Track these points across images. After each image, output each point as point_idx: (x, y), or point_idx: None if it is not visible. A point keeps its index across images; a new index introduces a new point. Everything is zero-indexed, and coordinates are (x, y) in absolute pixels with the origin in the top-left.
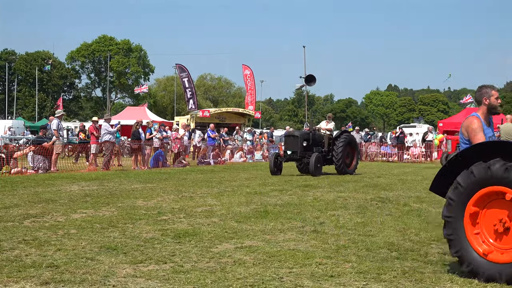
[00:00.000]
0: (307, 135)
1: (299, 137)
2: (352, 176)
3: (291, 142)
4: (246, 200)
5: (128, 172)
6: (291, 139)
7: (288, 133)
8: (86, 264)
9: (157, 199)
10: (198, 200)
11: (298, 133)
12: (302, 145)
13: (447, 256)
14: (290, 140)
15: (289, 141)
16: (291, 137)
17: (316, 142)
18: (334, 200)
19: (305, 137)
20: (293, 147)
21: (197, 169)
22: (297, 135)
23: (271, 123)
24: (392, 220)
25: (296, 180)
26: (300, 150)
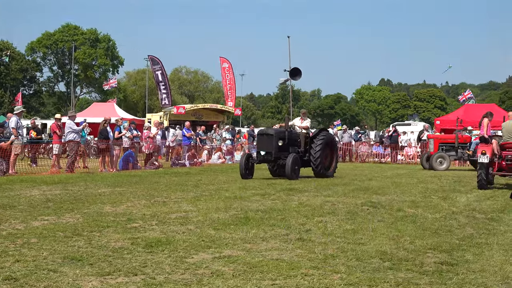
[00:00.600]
0: (282, 133)
1: (274, 136)
2: (341, 179)
3: (264, 141)
4: (225, 206)
5: (95, 175)
6: (264, 138)
7: (261, 131)
8: (48, 276)
9: (126, 205)
10: (172, 205)
11: (273, 131)
12: (277, 145)
13: (444, 266)
14: (263, 140)
15: (262, 141)
16: (265, 135)
17: (292, 141)
18: (322, 205)
19: (280, 136)
20: (267, 147)
21: (171, 171)
22: (271, 133)
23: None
24: (384, 226)
25: (280, 183)
26: (275, 151)
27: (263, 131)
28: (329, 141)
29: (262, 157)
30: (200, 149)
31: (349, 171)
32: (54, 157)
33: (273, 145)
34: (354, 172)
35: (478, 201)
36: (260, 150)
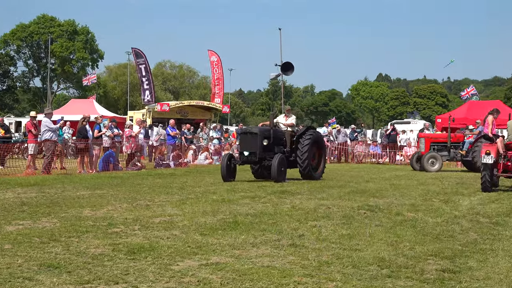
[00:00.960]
0: (267, 132)
1: (258, 134)
2: (337, 181)
3: (248, 141)
4: (212, 209)
5: (73, 177)
6: (248, 138)
7: (244, 130)
8: (23, 285)
9: (107, 208)
10: (155, 209)
11: (257, 129)
12: (262, 145)
13: (446, 274)
14: (247, 139)
15: (245, 140)
16: (248, 134)
17: (278, 140)
18: (316, 209)
19: (265, 135)
20: (251, 147)
21: (154, 172)
22: (255, 132)
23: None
24: (382, 231)
25: (271, 185)
26: (259, 151)
27: (246, 129)
28: (317, 139)
29: (245, 158)
30: (185, 149)
31: (345, 172)
32: (29, 157)
33: (257, 145)
34: (350, 174)
35: (482, 204)
36: (243, 150)
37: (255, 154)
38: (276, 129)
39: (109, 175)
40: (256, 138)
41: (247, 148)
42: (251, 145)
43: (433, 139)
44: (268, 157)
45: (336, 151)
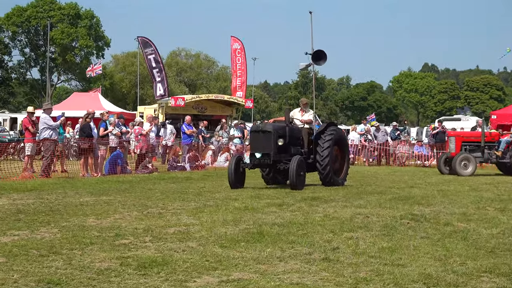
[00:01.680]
0: (282, 130)
1: (273, 133)
2: (376, 186)
3: (260, 140)
4: (233, 218)
5: (76, 181)
6: (260, 137)
7: (256, 127)
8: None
9: (114, 217)
10: (169, 218)
11: (271, 127)
12: (276, 145)
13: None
14: (259, 138)
15: (257, 140)
16: (261, 133)
17: (294, 140)
18: (352, 218)
19: (280, 133)
20: (264, 148)
21: (167, 176)
22: (269, 130)
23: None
24: (429, 244)
25: (300, 191)
26: (274, 152)
27: (258, 127)
28: (339, 138)
29: (257, 161)
30: (203, 149)
31: (385, 177)
32: (26, 158)
33: (271, 145)
34: (392, 178)
35: None
36: (254, 151)
37: (268, 156)
38: (293, 126)
39: (116, 179)
40: (269, 137)
41: (260, 148)
42: (264, 145)
43: (464, 138)
44: (284, 160)
45: (376, 152)
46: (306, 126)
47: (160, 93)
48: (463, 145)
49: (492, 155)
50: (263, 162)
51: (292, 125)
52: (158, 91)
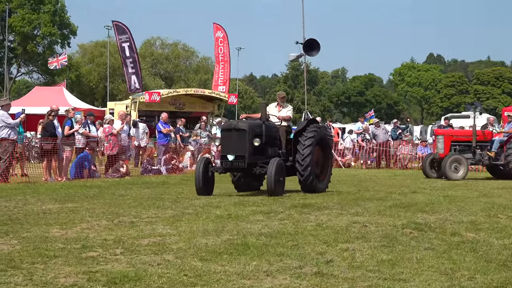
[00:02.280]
0: (258, 128)
1: (248, 131)
2: (375, 191)
3: (234, 140)
4: (215, 228)
5: (38, 186)
6: (233, 136)
7: (228, 125)
8: None
9: (81, 227)
10: (143, 227)
11: (245, 125)
12: (252, 145)
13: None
14: (232, 138)
15: (230, 139)
16: (234, 132)
17: (271, 139)
18: (348, 227)
19: (256, 132)
20: (238, 149)
21: (141, 180)
22: (243, 128)
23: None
24: (434, 256)
25: (291, 196)
26: (249, 154)
27: (231, 124)
28: (321, 138)
29: (229, 164)
30: (181, 150)
31: (385, 181)
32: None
33: (246, 146)
34: (392, 182)
35: None
36: (226, 153)
37: (243, 159)
38: (269, 124)
39: (83, 184)
40: (244, 137)
41: (232, 150)
42: (237, 146)
43: (454, 137)
44: (260, 162)
45: (375, 154)
46: (284, 124)
47: (134, 86)
48: (452, 145)
49: (484, 156)
50: (236, 166)
51: (270, 123)
52: (132, 84)
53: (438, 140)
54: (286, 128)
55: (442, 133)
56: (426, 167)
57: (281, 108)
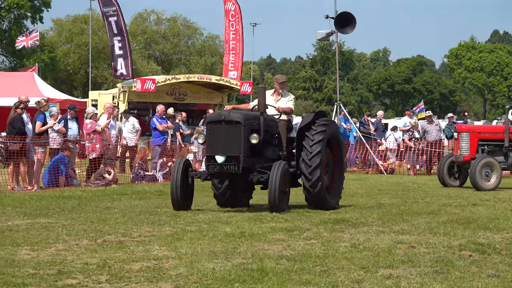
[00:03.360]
0: (256, 121)
1: (243, 125)
2: (425, 203)
3: (224, 136)
4: (224, 249)
5: (2, 196)
6: (224, 131)
7: (216, 117)
8: None
9: (56, 247)
10: (134, 248)
11: (240, 116)
12: (248, 143)
13: None
14: (221, 133)
15: (219, 135)
16: (224, 125)
17: (270, 137)
18: (391, 249)
19: (253, 126)
20: (230, 148)
21: (132, 189)
22: (237, 120)
23: None
24: (500, 286)
25: (318, 211)
26: (244, 155)
27: (220, 115)
28: (332, 136)
29: (218, 168)
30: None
31: (439, 190)
32: None
33: (240, 144)
34: (447, 192)
35: None
36: (214, 153)
37: (236, 161)
38: (269, 117)
39: (59, 194)
40: (238, 132)
41: (222, 149)
42: (229, 144)
43: (481, 134)
44: (258, 167)
45: (425, 156)
46: (283, 118)
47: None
48: (479, 144)
49: None
50: (227, 170)
51: (268, 116)
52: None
53: (462, 139)
54: (286, 123)
55: (467, 130)
56: (443, 173)
57: (279, 97)
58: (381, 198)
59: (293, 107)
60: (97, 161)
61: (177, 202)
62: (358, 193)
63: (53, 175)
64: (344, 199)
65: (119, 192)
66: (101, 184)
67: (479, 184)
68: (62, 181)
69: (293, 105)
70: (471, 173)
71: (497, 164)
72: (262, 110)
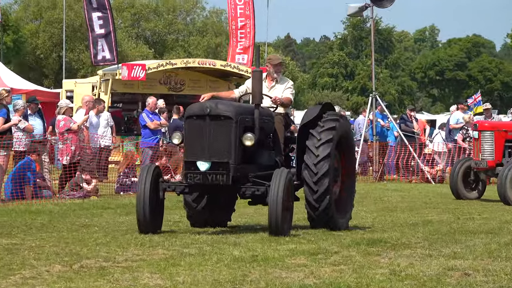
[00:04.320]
0: (250, 115)
1: (235, 121)
2: (483, 220)
3: (209, 136)
4: (232, 277)
5: None
6: (209, 128)
7: (199, 109)
8: None
9: (21, 275)
10: (118, 276)
11: (230, 109)
12: (241, 146)
13: None
14: (205, 131)
15: (202, 134)
16: (209, 120)
17: (263, 137)
18: (440, 277)
19: (246, 122)
20: (217, 152)
21: (116, 202)
22: (226, 114)
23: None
24: None
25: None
26: (235, 161)
27: (204, 108)
28: (344, 136)
29: (200, 178)
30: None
31: (500, 204)
32: None
33: (231, 146)
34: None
35: None
36: (195, 158)
37: (225, 169)
38: (264, 110)
39: (25, 208)
40: (227, 130)
41: (206, 152)
42: (215, 147)
43: (509, 133)
44: (252, 176)
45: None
46: (280, 111)
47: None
48: (506, 145)
49: None
50: (212, 181)
51: (263, 109)
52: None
53: (484, 139)
54: (283, 119)
55: (491, 128)
56: (457, 182)
57: (274, 84)
58: (428, 214)
59: (292, 97)
60: (72, 167)
61: (144, 222)
62: (399, 206)
63: (18, 184)
64: (381, 215)
65: (100, 205)
66: (78, 195)
67: (507, 195)
68: (28, 192)
69: (292, 95)
70: (501, 183)
71: None
72: (258, 101)
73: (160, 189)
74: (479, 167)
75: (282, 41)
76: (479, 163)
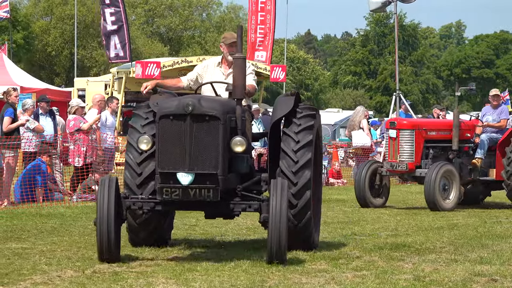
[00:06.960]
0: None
1: (222, 121)
2: (509, 224)
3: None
4: (249, 283)
5: None
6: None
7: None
8: None
9: (32, 280)
10: (132, 282)
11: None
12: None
13: None
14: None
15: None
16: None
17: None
18: (466, 283)
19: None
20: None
21: None
22: (212, 113)
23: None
24: None
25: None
26: (222, 171)
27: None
28: (318, 136)
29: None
30: None
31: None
32: None
33: (218, 154)
34: None
35: None
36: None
37: (213, 182)
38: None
39: (36, 212)
40: (215, 133)
41: (188, 162)
42: (199, 155)
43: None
44: (239, 190)
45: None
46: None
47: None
48: (425, 146)
49: (464, 167)
50: (196, 197)
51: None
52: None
53: (403, 138)
54: (249, 113)
55: (410, 126)
56: (364, 187)
57: (228, 69)
58: (453, 217)
59: (255, 84)
60: (84, 169)
61: (106, 248)
62: (423, 210)
63: (28, 187)
64: (405, 218)
65: None
66: (90, 198)
67: (439, 203)
68: (39, 195)
69: (255, 81)
70: (429, 187)
71: (456, 174)
72: (240, 95)
73: (123, 207)
74: (396, 170)
75: (302, 38)
76: (396, 165)
